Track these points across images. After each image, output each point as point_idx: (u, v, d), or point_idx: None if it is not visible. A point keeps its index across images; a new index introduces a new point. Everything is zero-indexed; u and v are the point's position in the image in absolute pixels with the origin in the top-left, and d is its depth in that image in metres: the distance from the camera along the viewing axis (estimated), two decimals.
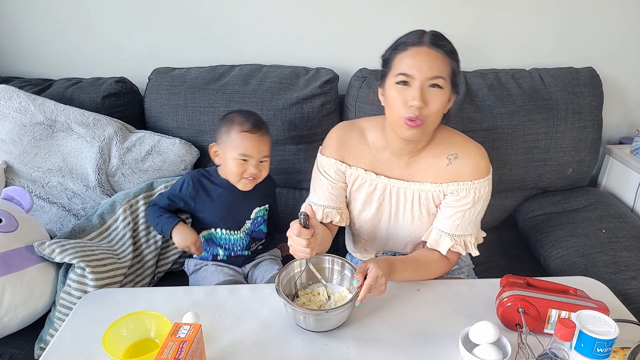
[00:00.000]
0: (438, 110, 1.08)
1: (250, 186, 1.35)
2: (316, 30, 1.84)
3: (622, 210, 1.66)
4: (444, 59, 1.06)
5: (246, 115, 1.33)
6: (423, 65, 1.05)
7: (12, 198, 1.37)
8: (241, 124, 1.30)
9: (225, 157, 1.33)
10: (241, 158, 1.30)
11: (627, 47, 1.87)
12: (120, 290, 1.26)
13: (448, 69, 1.07)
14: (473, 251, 1.22)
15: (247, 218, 1.40)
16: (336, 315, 1.00)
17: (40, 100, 1.60)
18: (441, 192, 1.20)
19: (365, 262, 1.05)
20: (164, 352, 0.83)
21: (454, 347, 0.94)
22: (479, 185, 1.17)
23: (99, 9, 1.81)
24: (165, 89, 1.72)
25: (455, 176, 1.18)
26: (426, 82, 1.05)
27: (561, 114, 1.68)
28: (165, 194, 1.41)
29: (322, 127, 1.69)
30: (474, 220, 1.20)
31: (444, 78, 1.06)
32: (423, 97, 1.05)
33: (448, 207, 1.19)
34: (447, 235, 1.20)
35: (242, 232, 1.41)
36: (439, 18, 1.80)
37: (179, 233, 1.34)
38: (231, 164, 1.31)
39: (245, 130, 1.29)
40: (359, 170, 1.24)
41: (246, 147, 1.29)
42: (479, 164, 1.17)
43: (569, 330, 0.79)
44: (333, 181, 1.26)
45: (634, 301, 1.25)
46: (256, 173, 1.32)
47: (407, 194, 1.22)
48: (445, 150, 1.18)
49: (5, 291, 1.17)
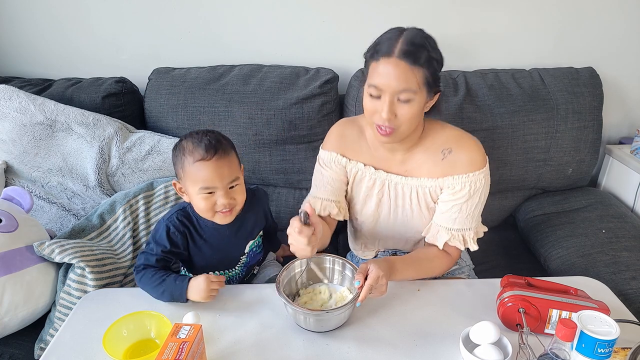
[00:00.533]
0: (410, 119, 1.08)
1: (230, 218, 1.14)
2: (316, 30, 1.84)
3: (622, 210, 1.66)
4: (414, 70, 1.03)
5: (196, 139, 1.08)
6: (392, 80, 1.04)
7: (12, 198, 1.37)
8: (192, 152, 1.07)
9: (189, 193, 1.12)
10: (204, 192, 1.08)
11: (627, 47, 1.87)
12: (121, 290, 1.26)
13: (420, 78, 1.04)
14: (472, 246, 1.21)
15: (242, 254, 1.24)
16: (337, 315, 0.99)
17: (40, 100, 1.60)
18: (438, 187, 1.20)
19: (365, 262, 1.05)
20: (165, 353, 0.83)
21: (455, 348, 0.94)
22: (474, 178, 1.16)
23: (99, 9, 1.81)
24: (165, 89, 1.72)
25: (451, 170, 1.18)
26: (395, 95, 1.05)
27: (561, 114, 1.68)
28: (151, 254, 1.14)
29: (322, 127, 1.69)
30: (471, 213, 1.19)
31: (414, 90, 1.04)
32: (391, 110, 1.06)
33: (444, 202, 1.19)
34: (445, 230, 1.20)
35: (238, 267, 1.26)
36: (438, 18, 1.80)
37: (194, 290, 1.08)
38: (196, 200, 1.10)
39: (198, 160, 1.06)
40: (358, 164, 1.25)
41: (205, 179, 1.07)
42: (473, 157, 1.17)
43: (570, 330, 0.79)
44: (333, 174, 1.27)
45: (635, 301, 1.25)
46: (229, 203, 1.10)
47: (405, 190, 1.23)
48: (440, 145, 1.18)
49: (5, 291, 1.17)
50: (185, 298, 1.08)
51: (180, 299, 1.08)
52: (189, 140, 1.09)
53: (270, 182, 1.80)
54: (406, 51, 1.02)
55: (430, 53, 1.05)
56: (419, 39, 1.05)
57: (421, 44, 1.04)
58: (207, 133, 1.10)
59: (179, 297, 1.08)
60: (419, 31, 1.08)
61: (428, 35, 1.08)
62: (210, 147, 1.06)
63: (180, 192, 1.15)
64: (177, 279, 1.10)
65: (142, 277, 1.12)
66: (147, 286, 1.12)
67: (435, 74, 1.08)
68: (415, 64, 1.03)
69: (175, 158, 1.11)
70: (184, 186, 1.13)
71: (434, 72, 1.07)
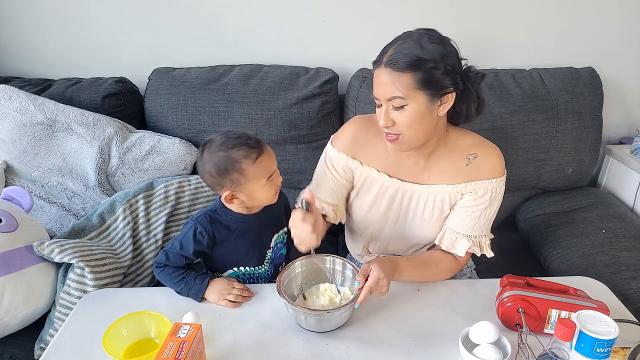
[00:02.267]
0: (408, 124, 1.06)
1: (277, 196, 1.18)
2: (316, 30, 1.84)
3: (622, 210, 1.66)
4: (401, 76, 1.02)
5: (238, 144, 1.09)
6: (381, 88, 1.06)
7: (12, 198, 1.37)
8: (247, 156, 1.08)
9: (252, 193, 1.13)
10: (269, 181, 1.13)
11: (627, 47, 1.87)
12: (120, 290, 1.26)
13: (409, 82, 1.02)
14: (488, 252, 1.21)
15: (268, 247, 1.25)
16: (337, 315, 1.00)
17: (40, 100, 1.60)
18: (458, 192, 1.18)
19: (368, 262, 1.04)
20: (164, 352, 0.83)
21: (454, 347, 0.94)
22: (496, 185, 1.16)
23: (99, 9, 1.81)
24: (165, 89, 1.72)
25: (474, 175, 1.17)
26: (388, 103, 1.06)
27: (561, 114, 1.68)
28: (175, 252, 1.16)
29: (322, 127, 1.69)
30: (489, 220, 1.20)
31: (403, 97, 1.03)
32: (387, 117, 1.07)
33: (464, 208, 1.18)
34: (464, 237, 1.18)
35: (266, 263, 1.25)
36: (438, 18, 1.80)
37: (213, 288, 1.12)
38: (262, 193, 1.13)
39: (257, 157, 1.09)
40: (371, 169, 1.22)
41: (268, 167, 1.12)
42: (496, 164, 1.17)
43: (569, 330, 0.79)
44: (337, 177, 1.24)
45: (634, 301, 1.25)
46: (281, 180, 1.18)
47: (421, 198, 1.20)
48: (464, 151, 1.17)
49: (5, 291, 1.17)
50: (201, 297, 1.11)
51: (196, 298, 1.11)
52: (232, 151, 1.08)
53: None
54: (392, 58, 1.03)
55: (422, 55, 1.02)
56: (411, 42, 1.03)
57: (411, 48, 1.02)
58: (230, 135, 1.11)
59: (195, 297, 1.11)
60: (419, 34, 1.05)
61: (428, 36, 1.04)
62: (255, 143, 1.11)
63: (229, 201, 1.14)
64: (198, 277, 1.13)
65: (161, 273, 1.15)
66: (166, 281, 1.15)
67: (432, 74, 1.03)
68: (400, 69, 1.02)
69: (221, 171, 1.09)
70: (243, 190, 1.12)
71: (429, 73, 1.02)
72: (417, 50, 1.02)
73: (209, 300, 1.11)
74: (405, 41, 1.04)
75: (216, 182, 1.11)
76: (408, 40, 1.04)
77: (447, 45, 1.05)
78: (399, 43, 1.05)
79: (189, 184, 1.58)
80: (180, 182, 1.57)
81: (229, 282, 1.13)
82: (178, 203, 1.53)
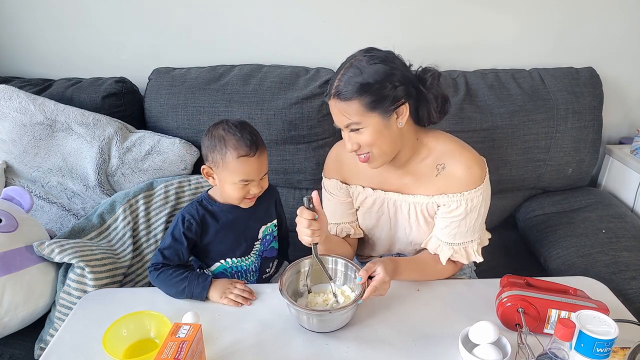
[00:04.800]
0: (372, 143, 1.08)
1: (252, 203, 1.20)
2: (316, 30, 1.84)
3: (622, 210, 1.66)
4: (350, 104, 1.05)
5: (238, 133, 1.11)
6: (336, 119, 1.10)
7: (12, 198, 1.37)
8: (235, 147, 1.10)
9: (222, 183, 1.16)
10: (242, 184, 1.13)
11: (627, 47, 1.87)
12: (120, 290, 1.26)
13: (357, 108, 1.05)
14: (477, 258, 1.20)
15: (256, 239, 1.26)
16: (340, 315, 1.00)
17: (40, 100, 1.60)
18: (434, 203, 1.18)
19: (373, 262, 1.05)
20: (164, 352, 0.83)
21: (454, 347, 0.94)
22: (469, 197, 1.13)
23: (99, 9, 1.81)
24: (165, 89, 1.72)
25: (445, 188, 1.15)
26: (347, 129, 1.10)
27: (561, 114, 1.68)
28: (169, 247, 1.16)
29: (322, 127, 1.69)
30: (471, 227, 1.17)
31: (357, 121, 1.06)
32: (351, 142, 1.10)
33: (442, 219, 1.18)
34: (446, 245, 1.18)
35: (253, 255, 1.27)
36: (438, 18, 1.80)
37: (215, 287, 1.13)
38: (230, 189, 1.15)
39: (242, 156, 1.10)
40: (357, 187, 1.27)
41: (247, 172, 1.12)
42: (468, 174, 1.12)
43: (569, 330, 0.79)
44: (341, 199, 1.29)
45: (634, 301, 1.25)
46: (259, 192, 1.18)
47: (403, 207, 1.23)
48: (434, 160, 1.16)
49: (5, 291, 1.17)
50: (205, 296, 1.11)
51: (200, 297, 1.12)
52: (230, 132, 1.12)
53: (270, 182, 1.79)
54: (337, 90, 1.06)
55: (364, 80, 1.03)
56: (352, 69, 1.05)
57: (351, 76, 1.05)
58: (244, 126, 1.14)
59: (198, 295, 1.11)
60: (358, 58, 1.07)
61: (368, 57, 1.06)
62: (253, 143, 1.11)
63: (207, 176, 1.18)
64: (200, 277, 1.14)
65: (160, 275, 1.14)
66: (165, 283, 1.14)
67: (379, 94, 1.04)
68: (346, 99, 1.05)
69: (211, 145, 1.13)
70: (217, 174, 1.15)
71: (376, 94, 1.04)
72: (358, 77, 1.04)
73: (211, 299, 1.12)
74: (347, 69, 1.06)
75: (205, 151, 1.15)
76: (349, 69, 1.06)
77: (388, 62, 1.06)
78: (342, 73, 1.07)
79: (189, 184, 1.58)
80: (180, 182, 1.57)
81: (231, 282, 1.15)
82: (178, 203, 1.53)
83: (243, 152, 1.10)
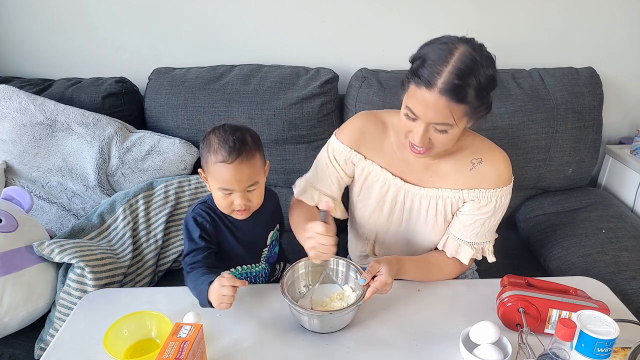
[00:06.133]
0: (445, 144, 1.04)
1: (245, 216, 1.13)
2: (316, 31, 1.84)
3: (622, 210, 1.66)
4: (455, 107, 0.95)
5: (223, 137, 1.05)
6: (429, 111, 0.97)
7: (12, 198, 1.37)
8: (215, 151, 1.04)
9: (210, 186, 1.11)
10: (223, 192, 1.07)
11: (627, 48, 1.87)
12: (121, 290, 1.26)
13: (461, 112, 0.97)
14: (490, 257, 1.20)
15: (265, 245, 1.22)
16: (341, 316, 0.99)
17: (40, 100, 1.60)
18: (461, 198, 1.14)
19: (377, 262, 1.04)
20: (165, 352, 0.83)
21: (455, 348, 0.94)
22: (501, 194, 1.12)
23: (99, 9, 1.81)
24: (165, 89, 1.72)
25: (478, 182, 1.12)
26: (430, 124, 1.00)
27: (561, 114, 1.68)
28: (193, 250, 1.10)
29: (322, 127, 1.69)
30: (493, 226, 1.17)
31: (451, 124, 0.98)
32: (425, 137, 1.01)
33: (467, 215, 1.15)
34: (467, 244, 1.17)
35: (263, 261, 1.23)
36: (438, 18, 1.80)
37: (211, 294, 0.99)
38: (215, 195, 1.10)
39: (220, 161, 1.04)
40: (374, 165, 1.18)
41: (224, 180, 1.05)
42: (502, 172, 1.12)
43: (570, 330, 0.79)
44: (337, 170, 1.22)
45: (634, 301, 1.25)
46: (244, 204, 1.08)
47: (423, 201, 1.17)
48: (469, 155, 1.13)
49: (5, 291, 1.17)
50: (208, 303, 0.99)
51: (205, 304, 0.99)
52: (216, 136, 1.06)
53: (270, 182, 1.80)
54: (451, 87, 0.93)
55: (479, 85, 0.94)
56: (468, 69, 0.93)
57: (470, 76, 0.93)
58: (235, 131, 1.07)
59: (203, 303, 1.00)
60: (471, 55, 0.94)
61: (482, 59, 0.95)
62: (233, 150, 1.03)
63: (204, 180, 1.14)
64: (204, 282, 1.00)
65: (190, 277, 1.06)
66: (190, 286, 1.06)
67: (485, 102, 0.99)
68: (458, 102, 0.95)
69: (202, 149, 1.09)
70: (207, 177, 1.11)
71: (483, 102, 0.98)
72: (478, 79, 0.94)
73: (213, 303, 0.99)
74: (463, 63, 0.93)
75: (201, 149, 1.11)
76: (466, 63, 0.93)
77: (495, 67, 0.98)
78: (456, 65, 0.93)
79: (189, 184, 1.58)
80: (180, 182, 1.57)
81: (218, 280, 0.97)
82: (178, 203, 1.53)
83: (221, 157, 1.03)
